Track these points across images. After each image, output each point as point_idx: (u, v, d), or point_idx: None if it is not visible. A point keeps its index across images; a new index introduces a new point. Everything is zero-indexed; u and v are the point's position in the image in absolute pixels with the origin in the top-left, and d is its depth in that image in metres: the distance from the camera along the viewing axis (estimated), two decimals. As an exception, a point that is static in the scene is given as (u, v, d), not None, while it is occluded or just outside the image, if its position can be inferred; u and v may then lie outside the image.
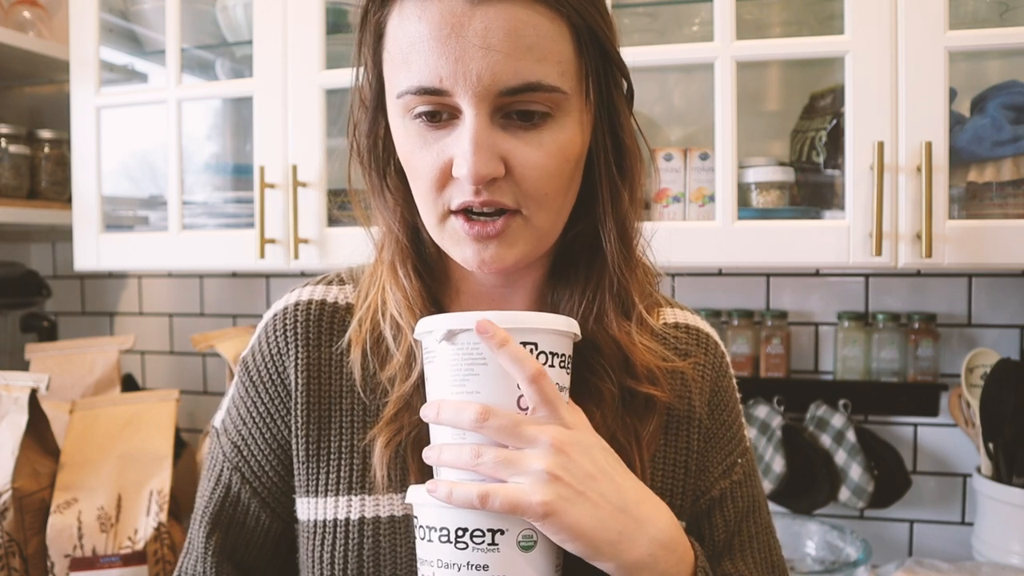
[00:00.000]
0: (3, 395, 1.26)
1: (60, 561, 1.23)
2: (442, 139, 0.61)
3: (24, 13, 1.67)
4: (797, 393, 1.49)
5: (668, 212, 1.26)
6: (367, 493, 0.69)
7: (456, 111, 0.60)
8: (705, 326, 0.79)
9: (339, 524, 0.69)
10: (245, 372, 0.75)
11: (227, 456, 0.74)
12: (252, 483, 0.73)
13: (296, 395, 0.71)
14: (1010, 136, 1.15)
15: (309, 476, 0.71)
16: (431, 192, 0.63)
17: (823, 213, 1.24)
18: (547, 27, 0.58)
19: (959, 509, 1.46)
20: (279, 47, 1.35)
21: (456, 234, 0.63)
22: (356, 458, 0.70)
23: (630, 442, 0.67)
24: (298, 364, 0.71)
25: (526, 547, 0.56)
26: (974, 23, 1.20)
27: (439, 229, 0.65)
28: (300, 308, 0.73)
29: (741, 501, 0.74)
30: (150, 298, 1.88)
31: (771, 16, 1.36)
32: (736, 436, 0.76)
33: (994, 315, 1.44)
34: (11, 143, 1.59)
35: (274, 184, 1.35)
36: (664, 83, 1.50)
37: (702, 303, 1.56)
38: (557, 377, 0.59)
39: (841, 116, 1.19)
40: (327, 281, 0.77)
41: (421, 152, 0.62)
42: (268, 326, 0.74)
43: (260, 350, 0.74)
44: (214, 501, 0.74)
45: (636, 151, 0.68)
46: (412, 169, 0.64)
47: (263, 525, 0.73)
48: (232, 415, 0.75)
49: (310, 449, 0.71)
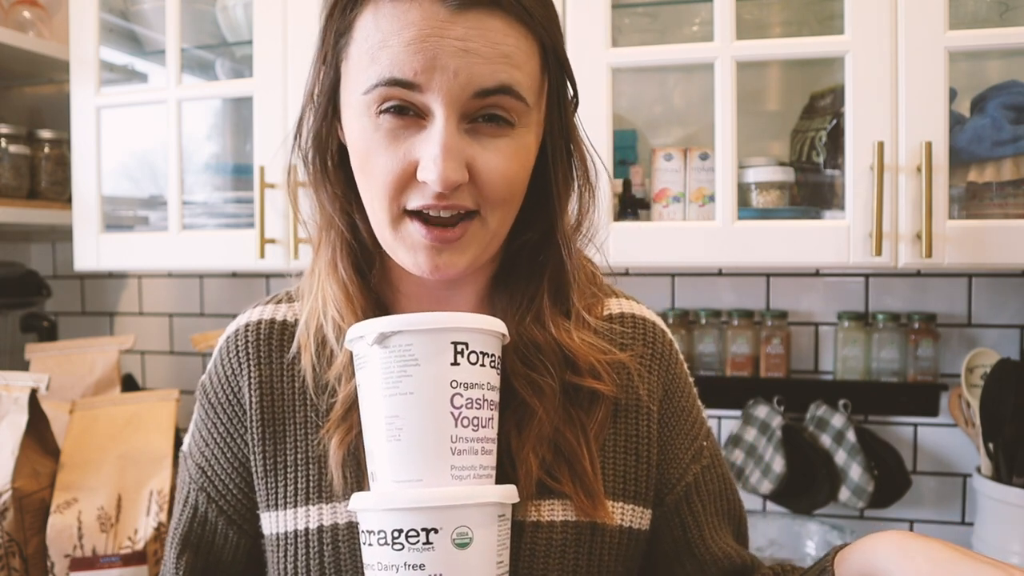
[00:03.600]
0: (3, 395, 1.26)
1: (60, 561, 1.23)
2: (407, 140, 0.61)
3: (24, 13, 1.67)
4: (797, 393, 1.49)
5: (668, 212, 1.26)
6: (324, 502, 0.70)
7: (424, 111, 0.61)
8: (650, 315, 0.80)
9: (299, 535, 0.70)
10: (204, 395, 0.77)
11: (193, 478, 0.76)
12: (218, 502, 0.74)
13: (251, 412, 0.73)
14: (1010, 136, 1.15)
15: (268, 490, 0.72)
16: (388, 192, 0.62)
17: (823, 213, 1.24)
18: (523, 42, 0.61)
19: (959, 509, 1.46)
20: (279, 47, 1.35)
21: (410, 238, 0.64)
22: (312, 468, 0.71)
23: (576, 434, 0.69)
24: (251, 382, 0.73)
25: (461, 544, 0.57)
26: (974, 23, 1.20)
27: (391, 231, 0.64)
28: (251, 329, 0.75)
29: (713, 483, 0.77)
30: (150, 298, 1.88)
31: (771, 16, 1.36)
32: (697, 420, 0.78)
33: (994, 315, 1.44)
34: (11, 143, 1.59)
35: (274, 184, 1.35)
36: (664, 83, 1.50)
37: (702, 303, 1.56)
38: (488, 376, 0.60)
39: (841, 116, 1.19)
40: (276, 300, 0.79)
41: (384, 151, 0.61)
42: (222, 349, 0.77)
43: (216, 372, 0.76)
44: (183, 522, 0.75)
45: (586, 158, 0.71)
46: (370, 167, 0.63)
47: (232, 542, 0.75)
48: (195, 438, 0.77)
49: (267, 464, 0.72)
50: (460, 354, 0.58)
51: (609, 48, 1.21)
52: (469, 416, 0.59)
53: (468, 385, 0.59)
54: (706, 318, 1.53)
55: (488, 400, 0.60)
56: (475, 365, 0.59)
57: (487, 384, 0.60)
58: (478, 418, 0.59)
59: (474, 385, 0.59)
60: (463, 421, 0.58)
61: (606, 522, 0.70)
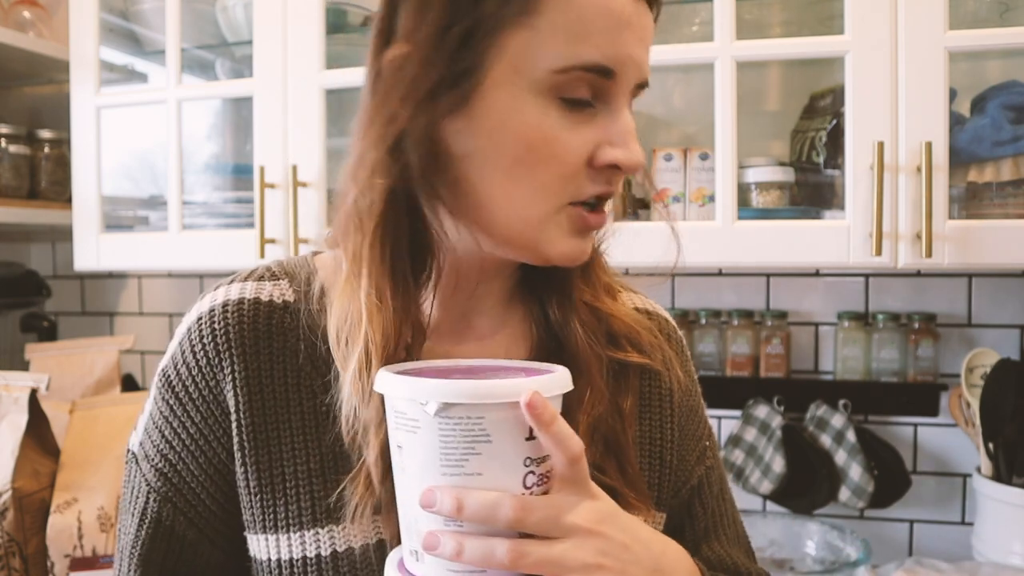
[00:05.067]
0: (3, 395, 1.26)
1: (60, 561, 1.23)
2: (584, 124, 0.58)
3: (24, 13, 1.67)
4: (797, 393, 1.48)
5: (668, 212, 1.26)
6: (335, 523, 0.61)
7: (606, 98, 0.59)
8: (663, 312, 0.79)
9: (309, 562, 0.61)
10: (168, 387, 0.64)
11: (152, 486, 0.63)
12: (187, 513, 0.63)
13: (239, 416, 0.62)
14: (1010, 136, 1.15)
15: (265, 510, 0.61)
16: (561, 179, 0.58)
17: (823, 213, 1.24)
18: None
19: (959, 509, 1.45)
20: (279, 47, 1.35)
21: (571, 225, 0.60)
22: (315, 482, 0.61)
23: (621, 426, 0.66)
24: (236, 378, 0.62)
25: None
26: (974, 23, 1.20)
27: (545, 220, 0.59)
28: (230, 310, 0.63)
29: (714, 485, 0.75)
30: (150, 298, 1.88)
31: (771, 16, 1.36)
32: (703, 420, 0.77)
33: (994, 315, 1.44)
34: (11, 143, 1.59)
35: (274, 184, 1.35)
36: (664, 83, 1.50)
37: (702, 303, 1.56)
38: None
39: (841, 116, 1.19)
40: (256, 277, 0.66)
41: (566, 135, 0.57)
42: (193, 331, 0.63)
43: (185, 361, 0.63)
44: (141, 540, 0.63)
45: None
46: (546, 151, 0.57)
47: (203, 557, 0.65)
48: (154, 437, 0.64)
49: (262, 479, 0.61)
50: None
51: (609, 48, 1.21)
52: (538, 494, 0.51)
53: (539, 461, 0.51)
54: (706, 318, 1.53)
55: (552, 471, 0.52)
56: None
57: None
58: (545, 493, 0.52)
59: (544, 459, 0.51)
60: None
61: None
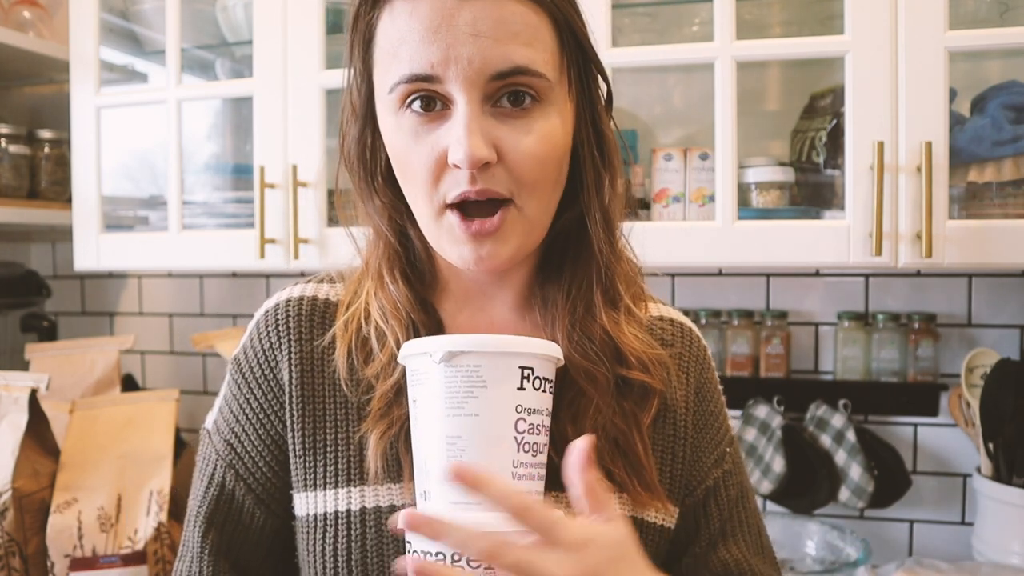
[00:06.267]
0: (3, 395, 1.26)
1: (60, 561, 1.23)
2: (435, 131, 0.63)
3: (24, 13, 1.67)
4: (797, 393, 1.49)
5: (668, 212, 1.26)
6: (365, 484, 0.69)
7: (448, 100, 0.62)
8: (687, 321, 0.81)
9: (340, 516, 0.69)
10: (238, 370, 0.75)
11: (220, 454, 0.74)
12: (246, 479, 0.73)
13: (291, 389, 0.72)
14: (1010, 136, 1.15)
15: (307, 470, 0.71)
16: (426, 186, 0.64)
17: (823, 213, 1.24)
18: (532, 18, 0.62)
19: (959, 509, 1.45)
20: (279, 47, 1.35)
21: (452, 231, 0.64)
22: (352, 450, 0.70)
23: (630, 427, 0.69)
24: (291, 359, 0.72)
25: None
26: (974, 23, 1.20)
27: (435, 226, 0.65)
28: (292, 304, 0.74)
29: (732, 489, 0.77)
30: (150, 298, 1.88)
31: (771, 16, 1.36)
32: (723, 426, 0.79)
33: (994, 315, 1.44)
34: (11, 143, 1.59)
35: (274, 184, 1.35)
36: (664, 83, 1.50)
37: (702, 303, 1.56)
38: (547, 403, 0.60)
39: (841, 116, 1.19)
40: (318, 280, 0.78)
41: (415, 146, 0.63)
42: (260, 323, 0.75)
43: (252, 347, 0.75)
44: (208, 500, 0.74)
45: (616, 145, 0.72)
46: (405, 165, 0.65)
47: (258, 522, 0.74)
48: (224, 413, 0.75)
49: (306, 443, 0.71)
50: (526, 379, 0.58)
51: (609, 48, 1.21)
52: (530, 442, 0.59)
53: (531, 411, 0.59)
54: (706, 318, 1.53)
55: (545, 427, 0.60)
56: (538, 391, 0.59)
57: (545, 410, 0.60)
58: (536, 444, 0.59)
59: (536, 411, 0.59)
60: (524, 446, 0.58)
61: (645, 518, 0.71)
